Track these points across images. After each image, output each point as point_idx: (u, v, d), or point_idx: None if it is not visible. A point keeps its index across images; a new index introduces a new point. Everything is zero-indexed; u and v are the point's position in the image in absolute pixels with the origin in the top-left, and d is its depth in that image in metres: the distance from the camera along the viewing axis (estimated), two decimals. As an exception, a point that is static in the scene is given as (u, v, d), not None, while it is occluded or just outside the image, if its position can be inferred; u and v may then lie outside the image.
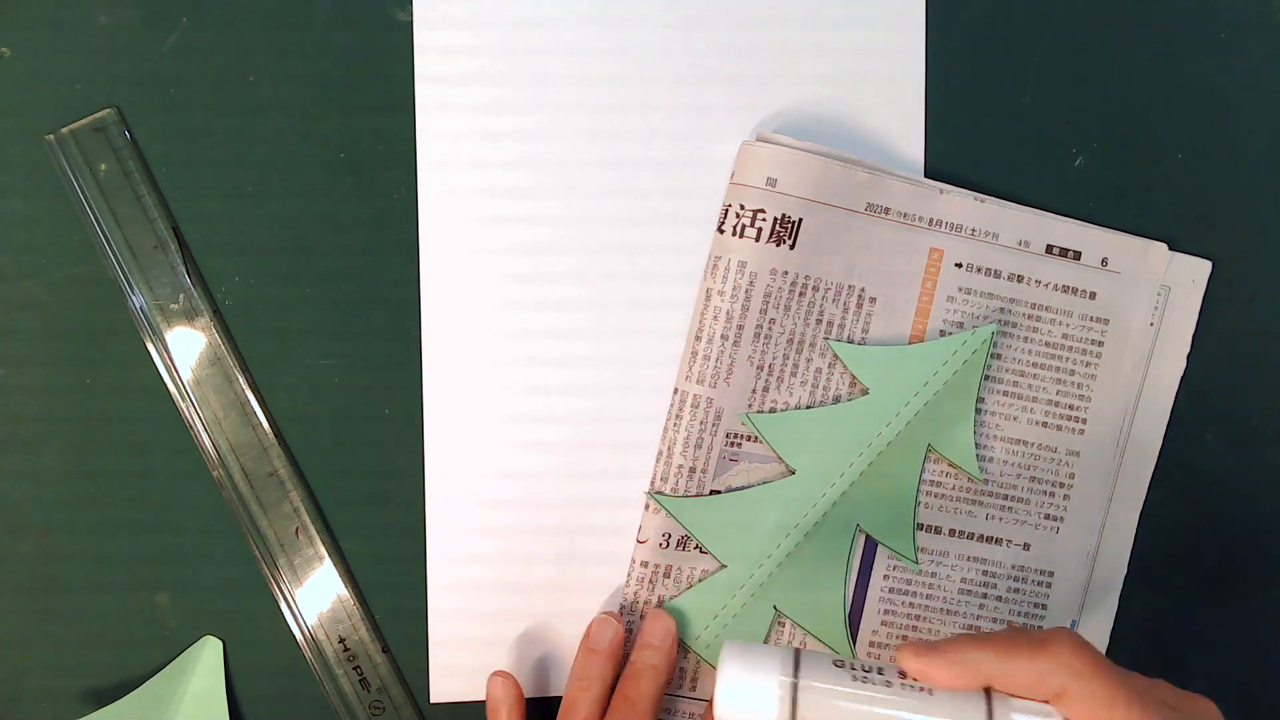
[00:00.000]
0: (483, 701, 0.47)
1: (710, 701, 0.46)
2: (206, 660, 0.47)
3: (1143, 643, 0.49)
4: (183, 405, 0.47)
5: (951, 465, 0.47)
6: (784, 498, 0.47)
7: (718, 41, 0.48)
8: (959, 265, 0.47)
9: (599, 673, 0.45)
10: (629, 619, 0.47)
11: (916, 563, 0.47)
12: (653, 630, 0.46)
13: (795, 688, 0.36)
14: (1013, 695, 0.36)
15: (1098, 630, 0.48)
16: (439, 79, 0.47)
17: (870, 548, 0.47)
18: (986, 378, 0.47)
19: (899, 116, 0.48)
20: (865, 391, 0.47)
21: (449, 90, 0.47)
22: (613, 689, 0.45)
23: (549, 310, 0.48)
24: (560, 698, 0.46)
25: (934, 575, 0.48)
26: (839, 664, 0.37)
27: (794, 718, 0.36)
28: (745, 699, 0.37)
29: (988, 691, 0.36)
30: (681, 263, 0.48)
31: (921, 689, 0.36)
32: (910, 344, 0.47)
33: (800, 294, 0.47)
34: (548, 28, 0.48)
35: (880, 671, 0.37)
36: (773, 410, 0.47)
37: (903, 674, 0.37)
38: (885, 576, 0.47)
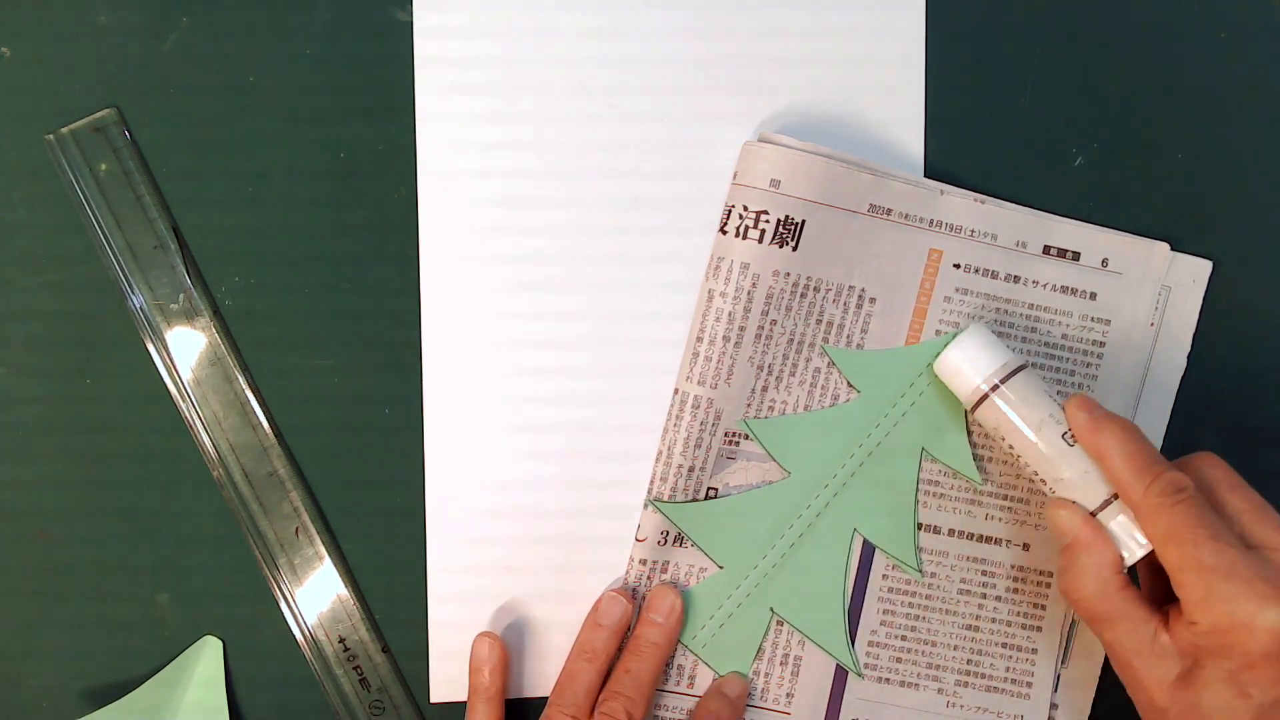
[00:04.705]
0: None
1: (701, 696, 0.47)
2: (206, 660, 0.47)
3: (1142, 643, 0.49)
4: (183, 405, 0.47)
5: (952, 471, 0.47)
6: (779, 500, 0.47)
7: (717, 50, 0.48)
8: (957, 266, 0.47)
9: (603, 647, 0.45)
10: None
11: (920, 571, 0.47)
12: (658, 605, 0.46)
13: (996, 385, 0.44)
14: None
15: (1097, 630, 0.48)
16: (439, 88, 0.47)
17: (868, 548, 0.47)
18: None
19: (899, 118, 0.48)
20: (858, 394, 0.47)
21: (449, 99, 0.47)
22: (614, 662, 0.46)
23: (548, 319, 0.48)
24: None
25: (933, 575, 0.48)
26: (1048, 393, 0.44)
27: (979, 405, 0.44)
28: (960, 368, 0.45)
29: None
30: (681, 271, 0.47)
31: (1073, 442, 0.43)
32: (904, 346, 0.47)
33: (801, 295, 0.47)
34: (547, 36, 0.47)
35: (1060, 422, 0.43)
36: (770, 409, 0.47)
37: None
38: (884, 576, 0.47)
